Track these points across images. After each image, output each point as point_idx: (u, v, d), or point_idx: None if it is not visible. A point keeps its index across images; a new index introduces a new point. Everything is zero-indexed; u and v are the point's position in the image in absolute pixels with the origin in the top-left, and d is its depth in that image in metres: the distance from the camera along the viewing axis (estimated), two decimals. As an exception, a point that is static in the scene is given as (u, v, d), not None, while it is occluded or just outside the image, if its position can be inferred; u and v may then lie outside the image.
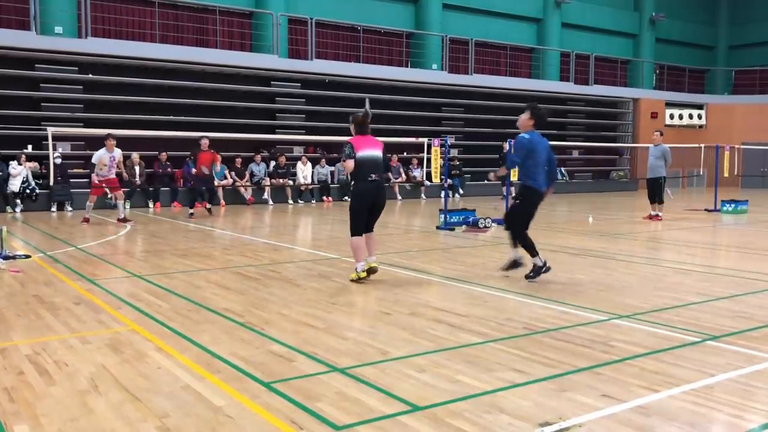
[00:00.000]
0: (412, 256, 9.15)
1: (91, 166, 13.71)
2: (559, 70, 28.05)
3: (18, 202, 16.20)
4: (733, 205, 16.76)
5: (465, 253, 9.45)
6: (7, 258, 8.53)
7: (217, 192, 17.37)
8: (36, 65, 17.65)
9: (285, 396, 3.83)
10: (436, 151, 13.90)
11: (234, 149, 19.32)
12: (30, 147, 17.25)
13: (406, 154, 22.83)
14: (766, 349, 4.80)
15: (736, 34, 34.22)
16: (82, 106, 18.21)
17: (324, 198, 20.31)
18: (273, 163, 19.90)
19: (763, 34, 32.70)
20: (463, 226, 12.66)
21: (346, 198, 20.63)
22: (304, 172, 20.13)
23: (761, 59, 32.29)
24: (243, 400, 3.78)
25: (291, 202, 19.64)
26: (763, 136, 28.61)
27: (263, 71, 20.71)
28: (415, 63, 24.53)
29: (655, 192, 14.43)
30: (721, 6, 34.49)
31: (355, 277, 7.31)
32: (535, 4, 27.89)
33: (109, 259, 9.09)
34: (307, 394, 3.87)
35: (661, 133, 14.59)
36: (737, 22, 34.18)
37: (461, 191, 22.84)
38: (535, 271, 7.34)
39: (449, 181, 14.54)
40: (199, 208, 15.49)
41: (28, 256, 8.96)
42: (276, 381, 4.09)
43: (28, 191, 16.37)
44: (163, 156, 18.40)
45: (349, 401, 3.76)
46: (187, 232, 12.53)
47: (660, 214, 14.52)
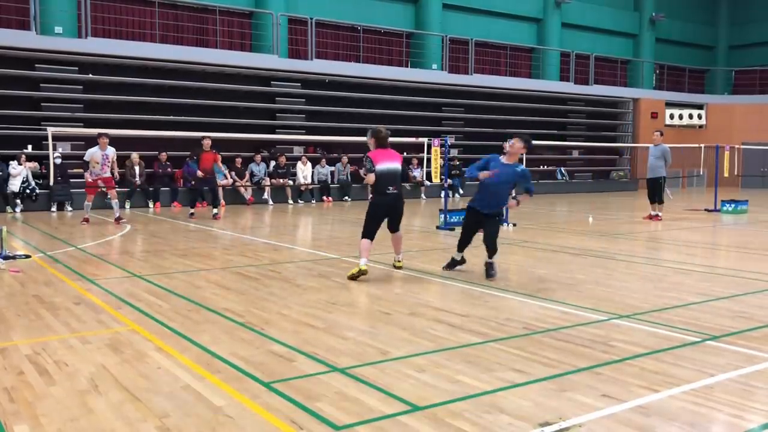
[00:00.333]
0: (412, 256, 9.15)
1: (84, 165, 13.68)
2: (559, 70, 28.05)
3: (18, 202, 16.20)
4: (733, 205, 16.76)
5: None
6: (7, 258, 8.53)
7: (219, 193, 17.30)
8: (36, 65, 17.65)
9: (285, 396, 3.83)
10: (436, 151, 13.91)
11: (234, 149, 19.32)
12: (30, 147, 17.25)
13: (406, 154, 22.80)
14: (766, 349, 4.80)
15: (736, 34, 34.22)
16: (82, 106, 18.21)
17: (324, 198, 20.30)
18: (273, 163, 19.91)
19: (763, 34, 32.70)
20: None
21: (346, 198, 20.65)
22: (304, 172, 20.13)
23: (761, 59, 32.29)
24: (243, 400, 3.78)
25: (291, 202, 19.65)
26: (763, 136, 28.61)
27: (263, 71, 20.71)
28: (415, 63, 24.53)
29: (655, 192, 14.43)
30: (721, 6, 34.49)
31: (355, 271, 7.41)
32: (535, 4, 27.89)
33: (109, 259, 9.09)
34: (307, 394, 3.87)
35: (661, 133, 14.59)
36: (737, 22, 34.18)
37: (461, 191, 22.84)
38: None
39: (449, 181, 14.52)
40: (200, 208, 15.51)
41: (28, 256, 8.96)
42: (276, 381, 4.09)
43: (28, 191, 16.37)
44: (163, 156, 18.40)
45: (349, 401, 3.76)
46: (187, 232, 12.53)
47: (660, 214, 14.52)
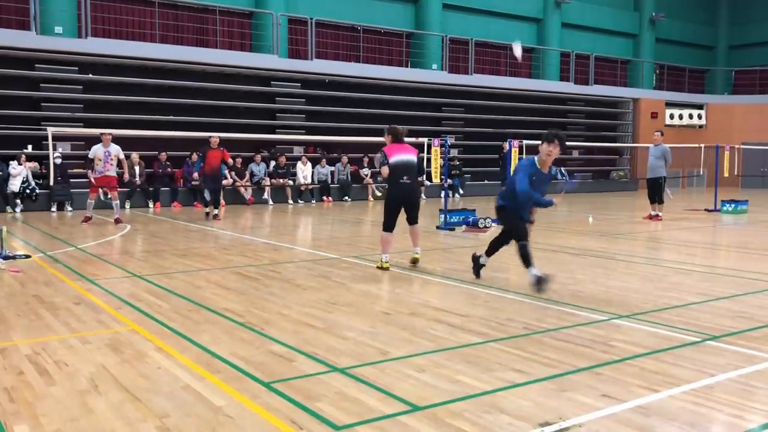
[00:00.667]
0: (410, 257, 9.13)
1: (88, 164, 13.71)
2: (559, 70, 28.04)
3: (18, 202, 16.20)
4: (733, 205, 16.76)
5: (465, 253, 9.44)
6: (7, 258, 8.52)
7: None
8: (36, 65, 17.65)
9: (285, 396, 3.83)
10: (436, 151, 13.92)
11: (234, 149, 19.28)
12: (30, 147, 17.25)
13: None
14: (766, 349, 4.80)
15: (736, 34, 34.21)
16: (82, 106, 18.21)
17: (324, 198, 20.30)
18: (273, 163, 19.91)
19: (763, 34, 32.69)
20: (463, 226, 12.66)
21: (346, 198, 20.65)
22: (304, 172, 20.13)
23: (761, 59, 32.29)
24: (243, 400, 3.78)
25: (291, 202, 19.64)
26: (763, 136, 28.60)
27: (263, 71, 20.71)
28: (415, 63, 24.53)
29: (655, 192, 14.43)
30: (721, 6, 34.48)
31: (379, 265, 8.08)
32: (535, 4, 27.89)
33: (109, 259, 9.09)
34: (307, 394, 3.87)
35: (661, 133, 14.59)
36: (737, 22, 34.17)
37: (461, 191, 22.84)
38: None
39: (449, 181, 14.52)
40: (199, 208, 15.47)
41: (28, 256, 8.96)
42: (276, 381, 4.09)
43: (28, 191, 16.37)
44: (163, 156, 18.40)
45: (349, 401, 3.76)
46: (187, 232, 12.53)
47: (660, 214, 14.51)
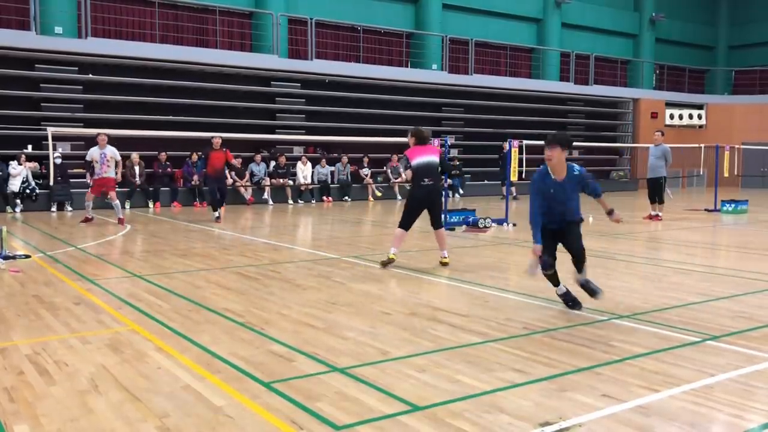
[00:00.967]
0: (411, 256, 9.14)
1: (87, 166, 13.72)
2: (559, 70, 28.04)
3: (18, 202, 16.20)
4: (733, 205, 16.76)
5: (465, 253, 9.45)
6: (7, 258, 8.52)
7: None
8: (36, 65, 17.65)
9: (285, 396, 3.83)
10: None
11: (234, 149, 19.27)
12: (30, 147, 17.25)
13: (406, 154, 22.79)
14: (766, 349, 4.80)
15: (736, 34, 34.21)
16: (82, 106, 18.21)
17: (324, 198, 20.30)
18: (273, 163, 19.91)
19: (763, 34, 32.69)
20: (463, 226, 12.66)
21: (346, 198, 20.65)
22: (304, 172, 20.13)
23: (761, 59, 32.28)
24: (243, 400, 3.78)
25: (291, 202, 19.64)
26: (763, 136, 28.60)
27: (263, 71, 20.71)
28: (415, 63, 24.53)
29: (656, 192, 14.43)
30: (721, 6, 34.48)
31: (384, 259, 8.28)
32: (535, 4, 27.89)
33: (109, 259, 9.09)
34: (307, 394, 3.87)
35: (662, 133, 14.58)
36: (737, 22, 34.17)
37: (461, 191, 22.84)
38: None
39: (449, 181, 14.51)
40: (199, 208, 15.47)
41: (28, 256, 8.96)
42: (276, 381, 4.09)
43: (28, 191, 16.37)
44: (163, 156, 18.40)
45: (349, 401, 3.76)
46: (187, 232, 12.53)
47: (660, 214, 14.51)
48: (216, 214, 14.18)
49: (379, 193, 21.19)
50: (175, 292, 6.77)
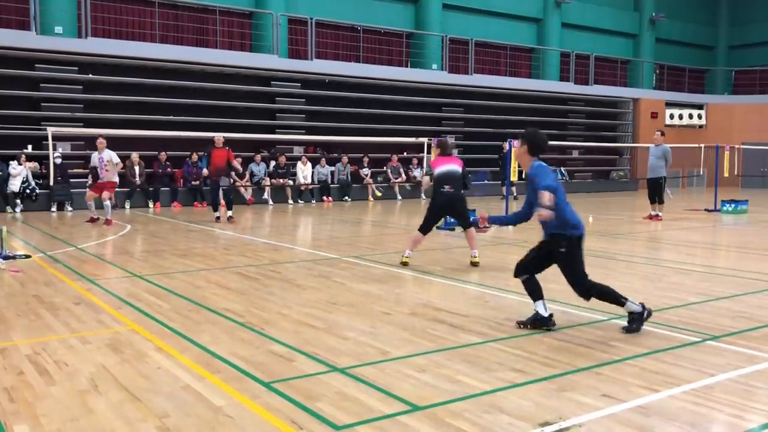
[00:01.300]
0: (412, 256, 9.14)
1: (92, 172, 13.83)
2: (559, 70, 28.04)
3: (18, 202, 16.19)
4: (733, 205, 16.76)
5: (465, 253, 9.44)
6: (7, 258, 8.52)
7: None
8: (36, 65, 17.64)
9: (285, 396, 3.83)
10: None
11: (234, 149, 19.24)
12: (30, 147, 17.24)
13: (406, 154, 22.84)
14: (766, 349, 4.80)
15: (736, 34, 34.21)
16: (82, 106, 18.20)
17: (324, 198, 20.30)
18: (273, 163, 19.90)
19: (763, 34, 32.69)
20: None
21: (346, 198, 20.65)
22: (304, 172, 20.13)
23: (761, 59, 32.28)
24: (243, 400, 3.78)
25: (291, 202, 19.64)
26: (763, 136, 28.59)
27: (263, 71, 20.70)
28: (415, 63, 24.52)
29: (656, 192, 14.42)
30: (721, 6, 34.47)
31: (402, 260, 8.55)
32: (535, 4, 27.88)
33: (109, 259, 9.09)
34: (307, 394, 3.87)
35: (662, 133, 14.57)
36: (737, 22, 34.17)
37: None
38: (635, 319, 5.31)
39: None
40: (199, 208, 15.46)
41: (28, 256, 8.96)
42: (276, 381, 4.09)
43: (28, 191, 16.37)
44: (163, 156, 18.40)
45: (349, 401, 3.76)
46: (187, 232, 12.53)
47: (660, 214, 14.51)
48: (216, 214, 14.15)
49: (379, 193, 21.19)
50: (175, 292, 6.77)
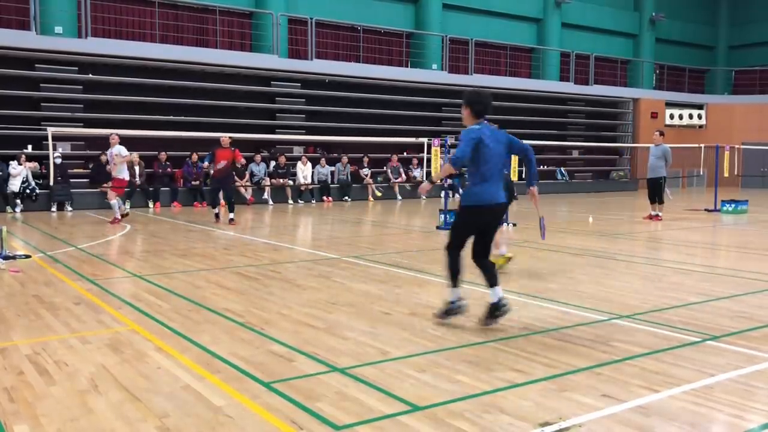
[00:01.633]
0: (412, 256, 9.14)
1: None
2: (559, 70, 28.04)
3: (18, 202, 16.20)
4: (733, 205, 16.76)
5: (464, 253, 9.44)
6: (7, 258, 8.52)
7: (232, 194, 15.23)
8: (36, 65, 17.64)
9: (285, 396, 3.83)
10: (436, 151, 13.92)
11: (234, 149, 19.33)
12: (30, 147, 17.25)
13: (406, 154, 22.84)
14: (766, 349, 4.80)
15: (736, 34, 34.21)
16: (82, 106, 18.21)
17: (324, 198, 20.30)
18: (273, 163, 19.91)
19: (763, 34, 32.69)
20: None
21: (346, 198, 20.65)
22: (304, 172, 20.13)
23: (761, 59, 32.28)
24: (243, 400, 3.78)
25: (291, 202, 19.64)
26: (763, 136, 28.60)
27: (263, 71, 20.71)
28: (415, 63, 24.53)
29: (656, 192, 14.43)
30: (721, 6, 34.48)
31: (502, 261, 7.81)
32: (535, 4, 27.89)
33: (109, 259, 9.09)
34: (307, 394, 3.87)
35: (661, 133, 14.58)
36: (737, 22, 34.17)
37: (461, 191, 22.82)
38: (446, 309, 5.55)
39: (449, 181, 14.52)
40: (198, 208, 15.45)
41: (28, 256, 8.96)
42: (276, 381, 4.09)
43: (28, 191, 16.37)
44: (163, 156, 18.40)
45: (349, 401, 3.76)
46: (187, 232, 12.53)
47: (660, 214, 14.51)
48: (215, 211, 14.15)
49: (379, 193, 21.19)
50: (175, 292, 6.77)
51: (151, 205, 17.72)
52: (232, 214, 13.91)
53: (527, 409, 3.64)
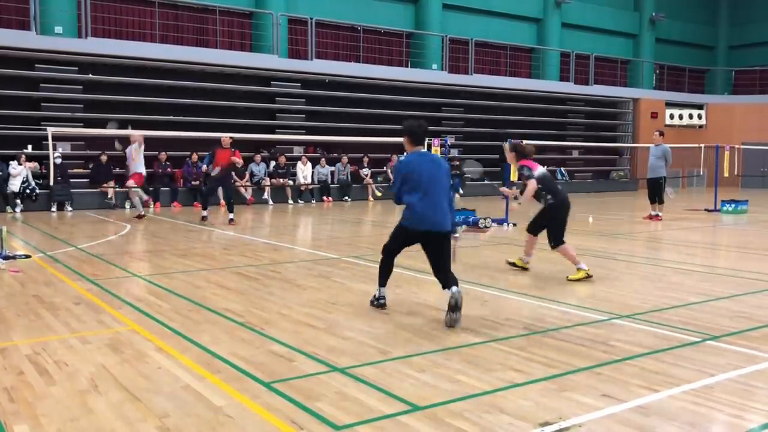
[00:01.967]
0: (412, 256, 9.11)
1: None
2: (559, 70, 28.04)
3: (18, 202, 16.19)
4: (733, 205, 16.76)
5: (465, 253, 9.44)
6: (7, 258, 8.52)
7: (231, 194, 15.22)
8: (36, 65, 17.64)
9: (285, 396, 3.84)
10: (436, 151, 13.89)
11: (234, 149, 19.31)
12: (30, 147, 17.24)
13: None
14: (766, 349, 4.80)
15: (736, 34, 34.21)
16: (82, 106, 18.20)
17: (324, 198, 20.30)
18: (273, 163, 19.91)
19: (763, 34, 32.69)
20: (463, 226, 12.65)
21: (346, 198, 20.63)
22: (304, 172, 20.13)
23: (761, 59, 32.28)
24: (243, 400, 3.78)
25: (291, 202, 19.64)
26: (763, 136, 28.60)
27: (263, 71, 20.70)
28: (415, 63, 24.53)
29: (656, 192, 14.43)
30: (721, 6, 34.47)
31: (581, 275, 7.38)
32: (535, 4, 27.89)
33: (109, 259, 9.09)
34: (307, 394, 3.87)
35: (661, 133, 14.58)
36: (737, 22, 34.17)
37: (461, 191, 22.82)
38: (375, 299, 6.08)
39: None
40: (199, 208, 15.35)
41: (28, 256, 8.96)
42: (276, 381, 4.09)
43: (28, 191, 16.37)
44: (163, 156, 18.38)
45: (349, 401, 3.76)
46: (187, 232, 12.53)
47: (660, 214, 14.51)
48: (204, 213, 13.99)
49: (379, 193, 21.19)
50: (175, 292, 6.77)
51: (151, 205, 17.71)
52: (231, 215, 13.86)
53: (527, 409, 3.64)
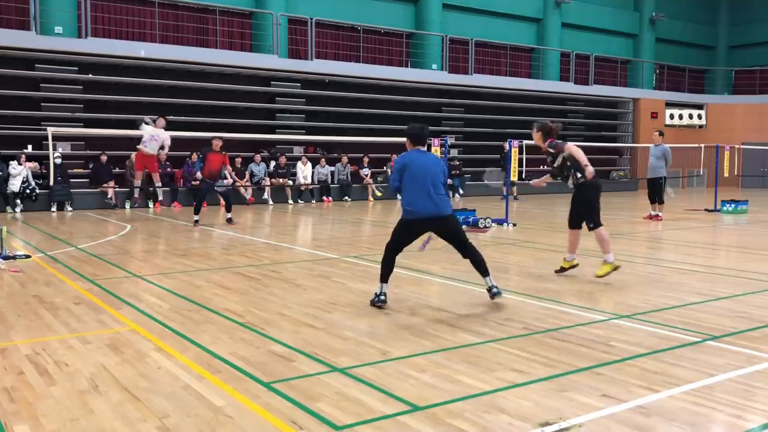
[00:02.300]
0: (412, 256, 9.13)
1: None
2: (559, 70, 28.04)
3: (18, 202, 16.20)
4: (733, 205, 16.75)
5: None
6: (7, 258, 8.52)
7: (230, 195, 15.31)
8: (36, 65, 17.65)
9: (285, 396, 3.83)
10: (436, 151, 13.89)
11: (234, 149, 19.30)
12: (30, 147, 17.25)
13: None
14: (766, 349, 4.79)
15: (736, 34, 34.21)
16: (82, 106, 18.21)
17: (324, 198, 20.30)
18: (273, 163, 19.91)
19: (763, 34, 32.69)
20: (463, 226, 12.64)
21: (346, 198, 20.64)
22: (304, 172, 20.13)
23: (761, 59, 32.28)
24: (243, 400, 3.78)
25: (291, 202, 19.65)
26: (763, 136, 28.60)
27: (263, 71, 20.71)
28: (415, 63, 24.53)
29: (656, 192, 14.44)
30: (721, 6, 34.47)
31: (609, 269, 7.46)
32: (535, 4, 27.89)
33: (109, 259, 9.09)
34: (307, 394, 3.87)
35: (661, 133, 14.58)
36: (737, 22, 34.17)
37: (461, 191, 22.83)
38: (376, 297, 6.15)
39: (449, 181, 14.51)
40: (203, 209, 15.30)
41: (28, 256, 8.96)
42: (276, 381, 4.09)
43: (28, 191, 16.37)
44: (163, 156, 18.36)
45: (349, 401, 3.76)
46: (187, 232, 12.53)
47: (660, 214, 14.52)
48: (195, 217, 13.50)
49: (379, 193, 21.19)
50: (175, 292, 6.77)
51: (151, 205, 17.72)
52: (229, 214, 13.83)
53: (527, 409, 3.63)
